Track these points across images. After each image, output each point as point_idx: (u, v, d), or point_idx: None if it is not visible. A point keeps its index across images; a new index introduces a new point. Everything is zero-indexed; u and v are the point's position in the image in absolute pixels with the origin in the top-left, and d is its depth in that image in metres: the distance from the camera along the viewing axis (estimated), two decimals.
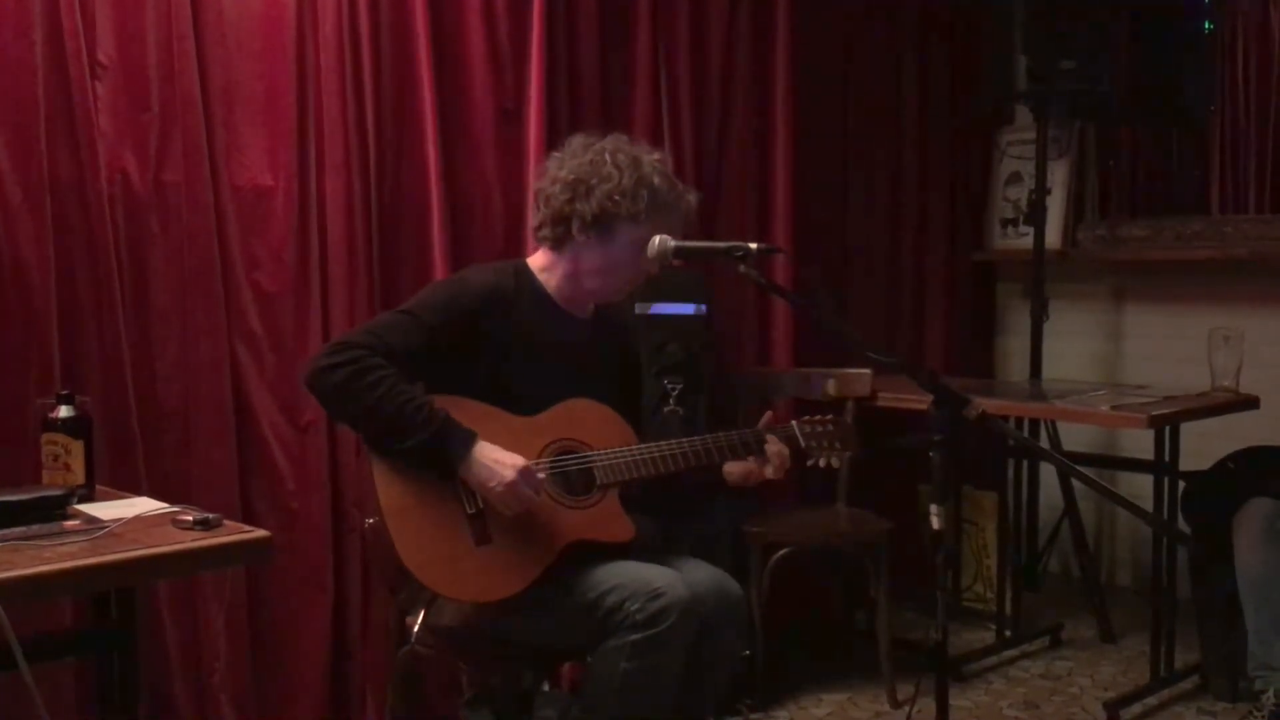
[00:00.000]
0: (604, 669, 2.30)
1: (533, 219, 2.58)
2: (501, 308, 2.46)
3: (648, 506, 2.58)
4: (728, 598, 2.46)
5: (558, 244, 2.52)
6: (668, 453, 2.47)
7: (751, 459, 2.53)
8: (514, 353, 2.45)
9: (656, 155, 2.54)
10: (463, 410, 2.36)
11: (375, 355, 2.31)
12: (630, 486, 2.49)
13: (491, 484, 2.30)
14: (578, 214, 2.46)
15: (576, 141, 2.56)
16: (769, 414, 2.60)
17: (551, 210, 2.50)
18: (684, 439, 2.51)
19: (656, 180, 2.47)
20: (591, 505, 2.44)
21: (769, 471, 2.52)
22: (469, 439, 2.32)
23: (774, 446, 2.52)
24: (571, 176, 2.48)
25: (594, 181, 2.45)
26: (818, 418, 2.61)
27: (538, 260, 2.57)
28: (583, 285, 2.54)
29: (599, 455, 2.46)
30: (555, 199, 2.49)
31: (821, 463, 2.58)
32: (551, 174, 2.53)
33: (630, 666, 2.26)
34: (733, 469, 2.54)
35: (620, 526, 2.45)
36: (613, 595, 2.30)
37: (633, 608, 2.26)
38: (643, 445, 2.49)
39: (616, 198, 2.44)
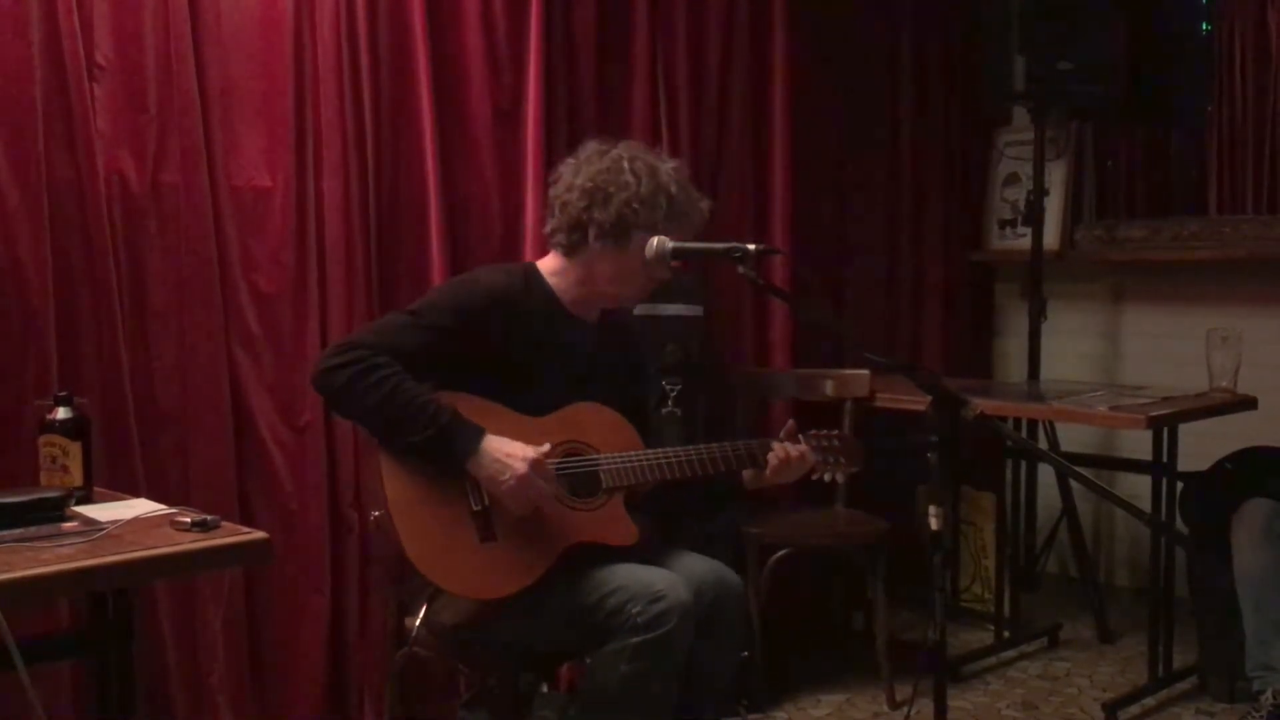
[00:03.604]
0: (603, 672, 2.29)
1: (546, 224, 2.57)
2: (510, 309, 2.45)
3: (654, 508, 2.58)
4: (727, 587, 2.46)
5: (571, 250, 2.51)
6: (674, 460, 2.48)
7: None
8: (521, 355, 2.45)
9: (673, 163, 2.53)
10: (469, 406, 2.36)
11: (380, 354, 2.31)
12: (635, 491, 2.49)
13: (502, 478, 2.30)
14: (595, 221, 2.45)
15: (590, 147, 2.55)
16: (791, 423, 2.59)
17: (568, 217, 2.49)
18: (690, 447, 2.50)
19: (674, 189, 2.47)
20: (596, 508, 2.44)
21: (775, 468, 2.52)
22: (477, 434, 2.32)
23: (782, 452, 2.51)
24: (590, 184, 2.46)
25: (612, 189, 2.44)
26: (824, 432, 2.62)
27: (549, 264, 2.57)
28: (597, 290, 2.53)
29: (605, 459, 2.46)
30: (572, 206, 2.48)
31: (826, 477, 2.60)
32: (567, 180, 2.51)
33: (630, 669, 2.26)
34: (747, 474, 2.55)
35: (624, 531, 2.45)
36: (614, 597, 2.30)
37: (634, 610, 2.26)
38: (649, 450, 2.49)
39: (635, 205, 2.43)
